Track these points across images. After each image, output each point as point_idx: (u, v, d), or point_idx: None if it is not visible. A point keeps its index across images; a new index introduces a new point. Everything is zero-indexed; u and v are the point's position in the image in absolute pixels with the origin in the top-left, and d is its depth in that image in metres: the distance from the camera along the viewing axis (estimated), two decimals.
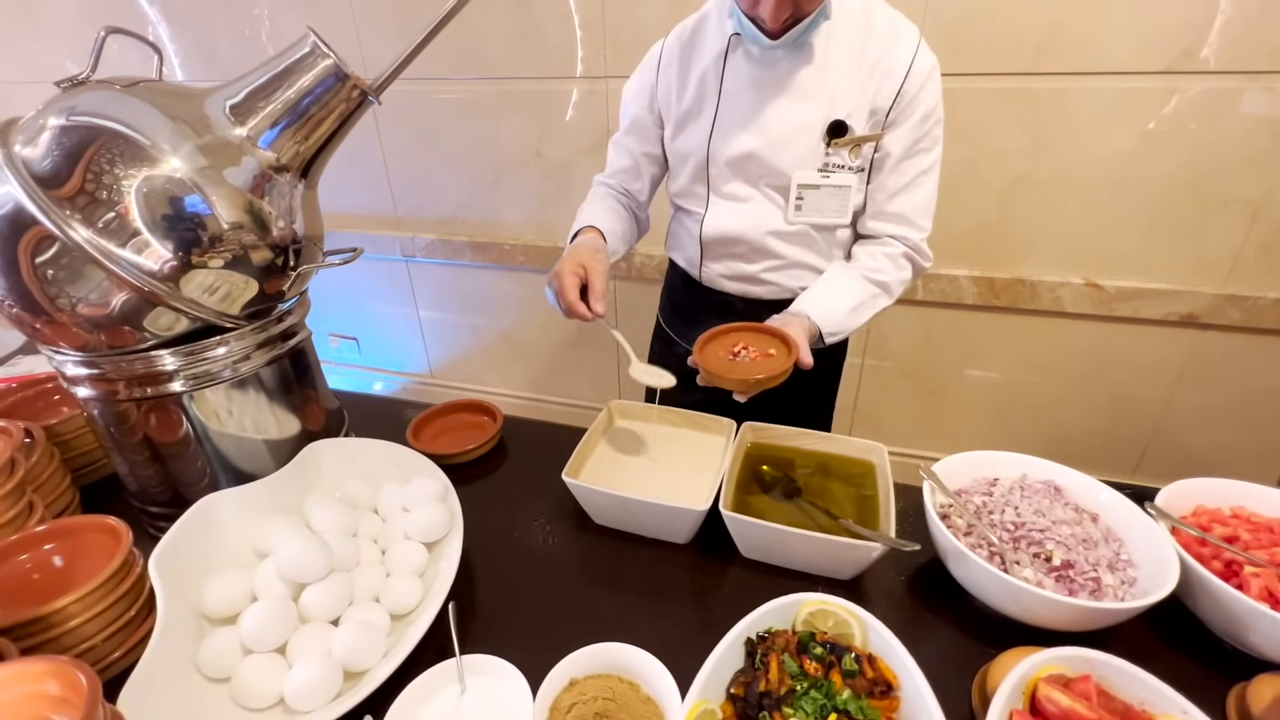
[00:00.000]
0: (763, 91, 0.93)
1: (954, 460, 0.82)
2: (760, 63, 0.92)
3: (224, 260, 0.73)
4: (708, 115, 0.97)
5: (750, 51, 0.92)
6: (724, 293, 1.11)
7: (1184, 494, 0.77)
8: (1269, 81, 1.39)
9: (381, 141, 2.15)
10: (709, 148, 0.98)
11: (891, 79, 0.90)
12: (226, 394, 0.81)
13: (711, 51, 0.95)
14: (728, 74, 0.94)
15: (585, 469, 0.88)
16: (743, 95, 0.94)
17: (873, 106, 0.91)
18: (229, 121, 0.72)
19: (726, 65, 0.94)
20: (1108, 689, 0.56)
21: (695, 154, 1.00)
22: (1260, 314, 1.60)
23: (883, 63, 0.89)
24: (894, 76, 0.89)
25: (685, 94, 0.99)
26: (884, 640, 0.60)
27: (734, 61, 0.94)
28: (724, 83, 0.95)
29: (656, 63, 1.02)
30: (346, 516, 0.77)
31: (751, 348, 0.87)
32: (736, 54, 0.94)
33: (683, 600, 0.76)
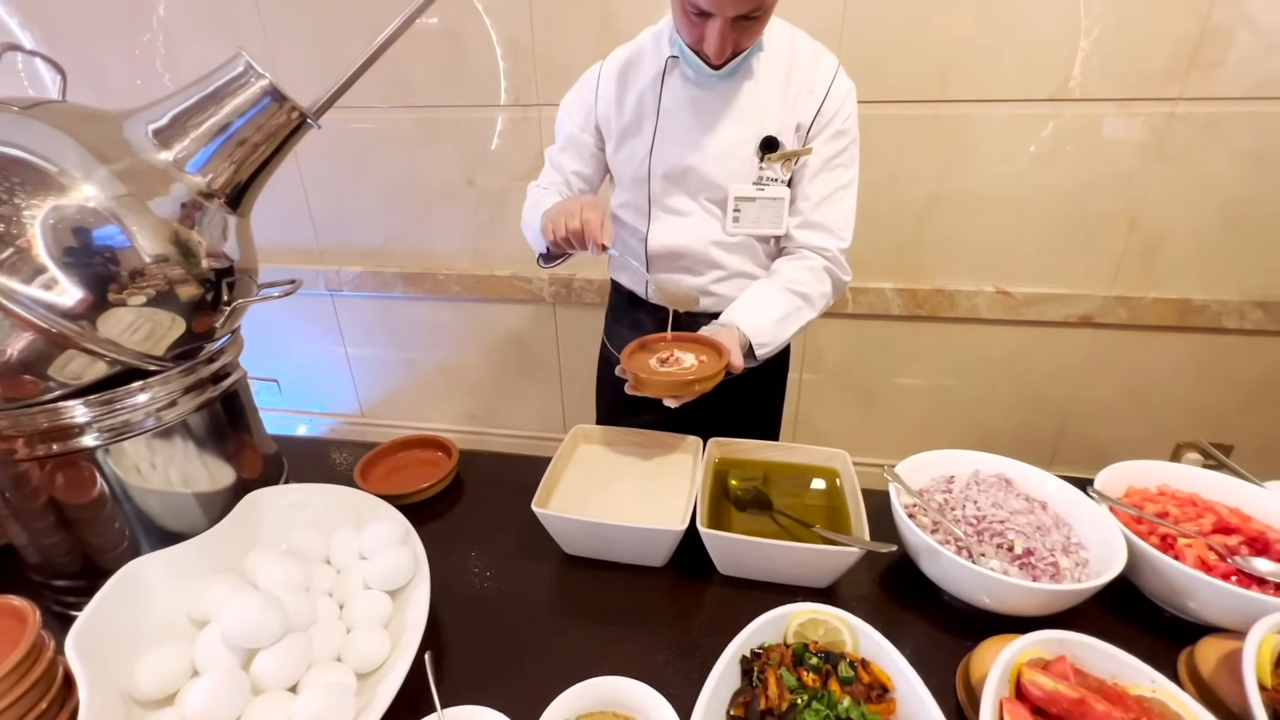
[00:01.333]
0: (699, 110, 0.98)
1: (912, 461, 0.85)
2: (696, 84, 0.97)
3: (147, 296, 0.66)
4: (647, 132, 1.01)
5: (686, 73, 0.97)
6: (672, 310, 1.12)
7: (1117, 477, 0.83)
8: (1135, 107, 1.58)
9: (301, 171, 2.05)
10: (650, 162, 1.01)
11: (813, 97, 0.97)
12: (149, 445, 0.73)
13: (649, 72, 0.99)
14: (665, 93, 0.99)
15: (554, 498, 0.85)
16: (680, 113, 0.98)
17: (797, 122, 0.98)
18: (152, 146, 0.66)
19: (664, 85, 0.98)
20: (1082, 666, 0.59)
21: (636, 168, 1.03)
22: (1143, 312, 1.79)
23: (806, 84, 0.97)
24: (815, 95, 0.97)
25: (624, 111, 1.02)
26: (875, 644, 0.60)
27: (671, 82, 0.98)
28: (662, 101, 0.99)
29: (595, 82, 1.04)
30: (296, 570, 0.70)
31: (678, 355, 0.90)
32: (673, 75, 0.98)
33: (666, 624, 0.74)
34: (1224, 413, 1.90)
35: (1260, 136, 1.56)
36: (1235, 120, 1.56)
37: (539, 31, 1.74)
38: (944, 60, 1.60)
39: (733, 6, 0.81)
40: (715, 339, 0.91)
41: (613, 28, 1.67)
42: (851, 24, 1.60)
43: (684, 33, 0.90)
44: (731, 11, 0.82)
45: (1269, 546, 0.70)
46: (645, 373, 0.85)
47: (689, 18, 0.86)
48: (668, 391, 0.84)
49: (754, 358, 0.96)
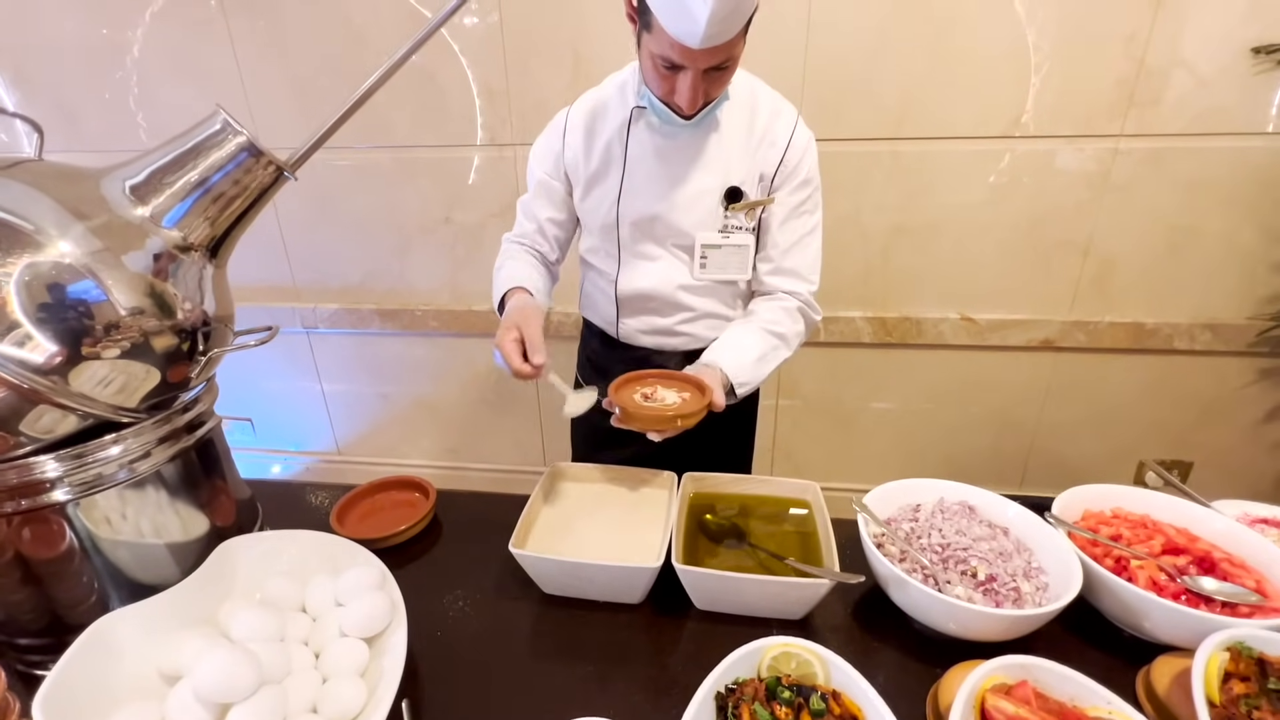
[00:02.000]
0: (665, 160, 1.00)
1: (879, 491, 0.88)
2: (662, 133, 1.00)
3: (121, 349, 0.66)
4: (614, 180, 1.03)
5: (652, 122, 1.00)
6: (641, 347, 1.15)
7: (1073, 501, 0.87)
8: (1081, 143, 1.67)
9: (277, 210, 2.06)
10: (617, 210, 1.04)
11: (775, 149, 1.01)
12: (121, 496, 0.72)
13: (615, 120, 1.02)
14: (631, 142, 1.01)
15: (531, 537, 0.86)
16: (646, 162, 1.01)
17: (761, 173, 1.02)
18: (129, 202, 0.68)
19: (630, 134, 1.01)
20: (1042, 690, 0.61)
21: (604, 215, 1.05)
22: (1100, 336, 1.86)
23: (768, 135, 1.01)
24: (777, 147, 1.01)
25: (592, 159, 1.04)
26: (846, 675, 0.62)
27: (637, 131, 1.01)
28: (628, 150, 1.01)
29: (563, 129, 1.06)
30: (271, 620, 0.70)
31: (661, 391, 0.92)
32: (639, 124, 1.01)
33: (644, 661, 0.75)
34: (1182, 430, 1.98)
35: (1197, 169, 1.66)
36: (1174, 154, 1.66)
37: (513, 75, 1.79)
38: (901, 100, 1.68)
39: (704, 59, 0.83)
40: (699, 377, 0.93)
41: (584, 71, 1.72)
42: (813, 67, 1.68)
43: (654, 85, 0.92)
44: (703, 64, 0.84)
45: (1215, 565, 0.74)
46: (631, 407, 0.87)
47: (659, 71, 0.88)
48: (652, 426, 0.86)
49: (734, 395, 0.98)
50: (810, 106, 1.71)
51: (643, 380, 0.96)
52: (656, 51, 0.84)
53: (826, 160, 1.78)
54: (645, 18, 0.84)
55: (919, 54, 1.63)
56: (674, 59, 0.84)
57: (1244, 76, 1.57)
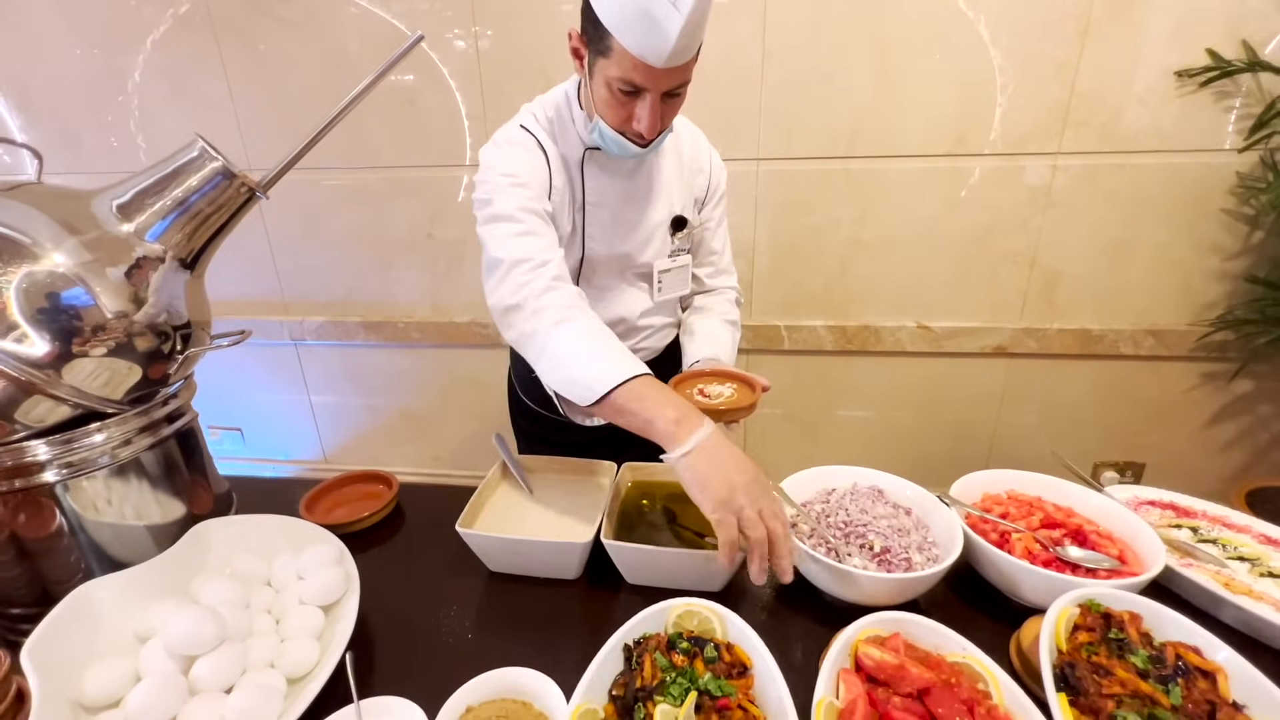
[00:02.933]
0: (623, 200, 1.07)
1: (799, 476, 0.97)
2: (614, 173, 1.04)
3: (107, 348, 0.76)
4: (576, 224, 1.05)
5: (602, 163, 1.02)
6: None
7: (973, 485, 0.95)
8: (1023, 161, 1.78)
9: (267, 228, 2.16)
10: (583, 253, 1.08)
11: (703, 175, 1.15)
12: (105, 482, 0.81)
13: (570, 160, 1.02)
14: (588, 187, 1.03)
15: (479, 521, 0.94)
16: (607, 206, 1.06)
17: (695, 198, 1.16)
18: (116, 219, 0.77)
19: (585, 177, 1.03)
20: (911, 642, 0.69)
21: (568, 258, 1.03)
22: (1049, 342, 1.95)
23: (694, 162, 1.14)
24: (704, 173, 1.15)
25: (565, 205, 1.03)
26: (739, 630, 0.70)
27: (591, 174, 1.03)
28: (586, 196, 1.04)
29: (546, 164, 0.99)
30: (238, 590, 0.78)
31: (714, 387, 0.99)
32: (591, 167, 1.02)
33: (574, 628, 0.83)
34: (1133, 433, 2.06)
35: (1131, 184, 1.77)
36: (1108, 171, 1.77)
37: (489, 98, 1.91)
38: (852, 121, 1.79)
39: (666, 80, 0.84)
40: (744, 374, 1.01)
41: None
42: (769, 91, 1.79)
43: (609, 114, 0.90)
44: (664, 85, 0.85)
45: (1086, 538, 0.82)
46: (704, 406, 0.90)
47: (616, 97, 0.87)
48: (727, 420, 0.92)
49: None
50: (767, 128, 1.82)
51: (689, 382, 1.01)
52: (616, 75, 0.84)
53: (784, 178, 1.89)
54: (600, 44, 0.84)
55: (868, 78, 1.74)
56: (636, 81, 0.84)
57: (1169, 98, 1.68)
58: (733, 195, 1.86)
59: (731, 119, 1.82)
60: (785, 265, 1.98)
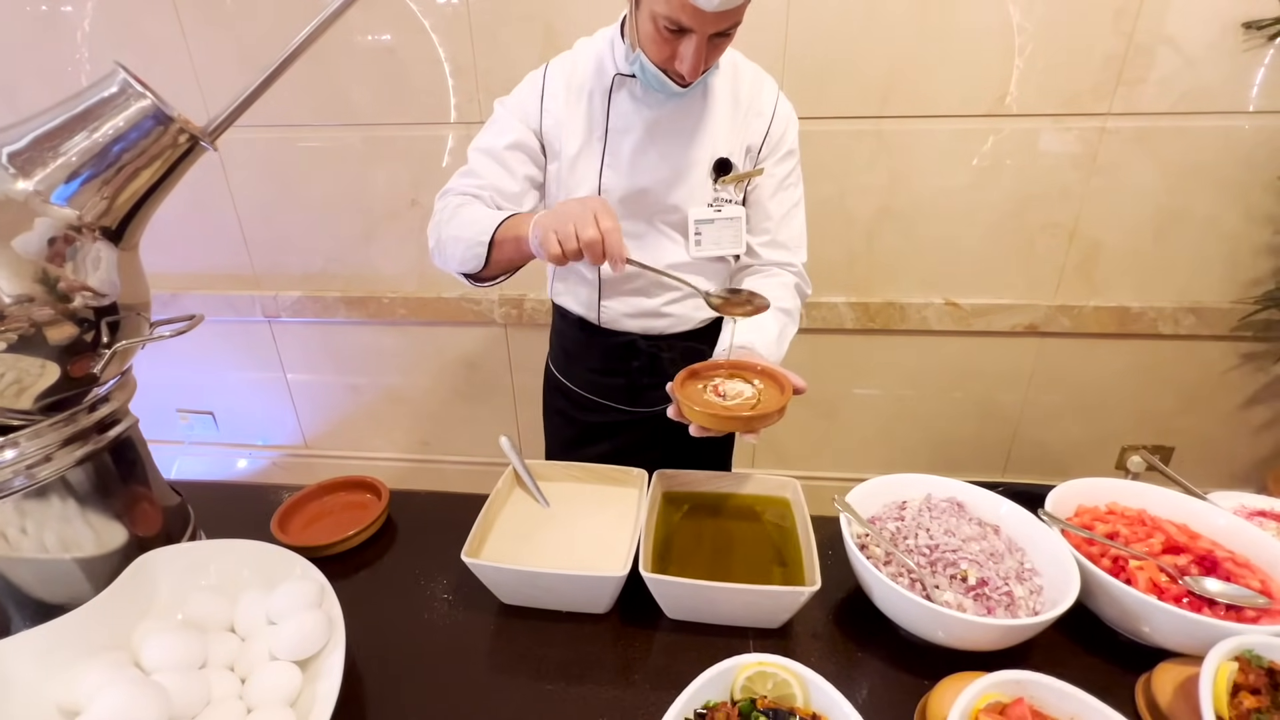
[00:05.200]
0: (651, 132, 0.95)
1: (864, 488, 0.83)
2: (647, 103, 0.94)
3: (8, 342, 0.58)
4: (595, 153, 0.97)
5: (635, 92, 0.94)
6: (625, 332, 1.09)
7: (1066, 496, 0.82)
8: (1068, 122, 1.62)
9: (232, 193, 1.94)
10: (599, 185, 0.98)
11: (761, 119, 0.99)
12: (18, 507, 0.64)
13: (594, 89, 0.96)
14: (613, 113, 0.96)
15: (488, 545, 0.79)
16: (632, 134, 0.95)
17: (747, 145, 0.99)
18: (8, 174, 0.59)
19: (611, 105, 0.95)
20: (1039, 708, 0.56)
21: (585, 191, 0.99)
22: (1085, 320, 1.83)
23: (753, 106, 0.98)
24: (763, 118, 0.99)
25: (574, 129, 0.97)
26: (826, 696, 0.56)
27: (619, 101, 0.95)
28: (610, 121, 0.96)
29: (540, 91, 0.98)
30: (191, 645, 0.62)
31: (732, 384, 0.82)
32: (621, 94, 0.95)
33: (610, 678, 0.69)
34: (1165, 416, 1.96)
35: (1184, 149, 1.62)
36: (1161, 134, 1.62)
37: (480, 49, 1.70)
38: (884, 78, 1.62)
39: (714, 23, 0.79)
40: (775, 369, 0.84)
41: (556, 44, 1.63)
42: (794, 42, 1.60)
43: (653, 51, 0.85)
44: (712, 28, 0.79)
45: (1217, 565, 0.69)
46: (703, 406, 0.76)
47: (661, 34, 0.82)
48: (732, 428, 0.75)
49: None
50: (791, 83, 1.64)
51: (704, 376, 0.84)
52: (663, 12, 0.78)
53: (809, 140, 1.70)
54: None
55: (904, 29, 1.56)
56: (682, 22, 0.78)
57: (1232, 53, 1.53)
58: None
59: None
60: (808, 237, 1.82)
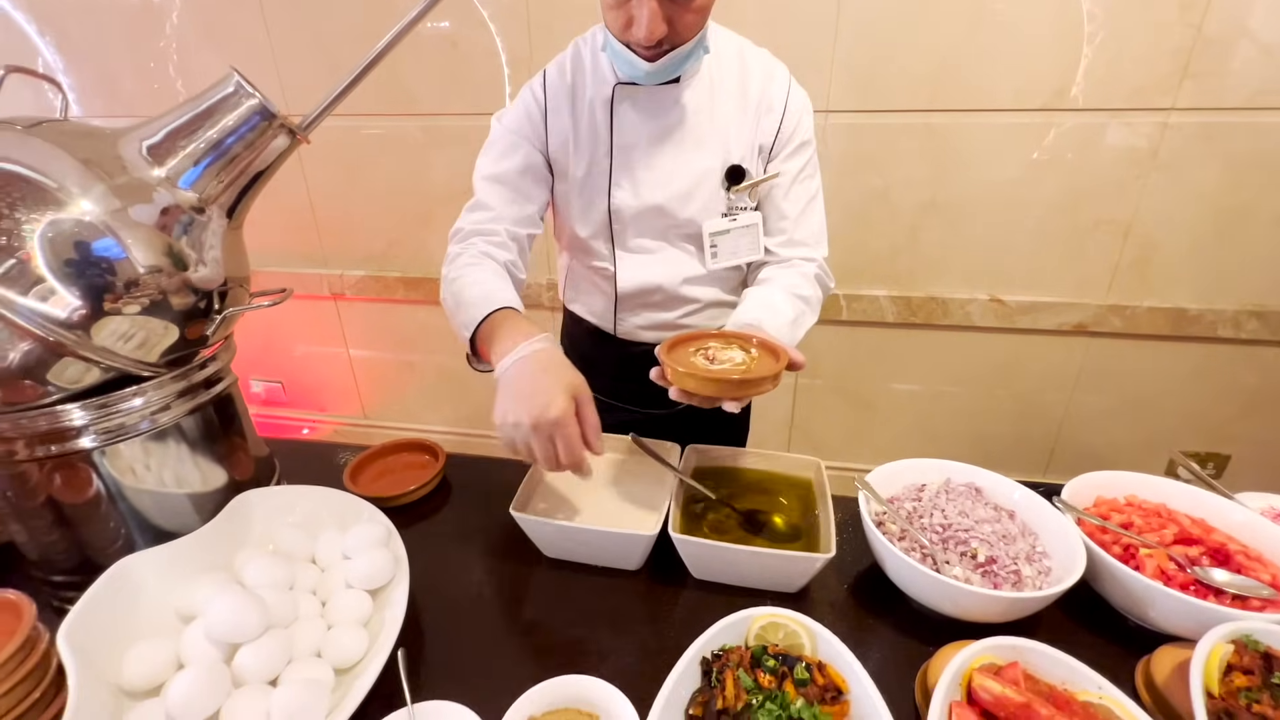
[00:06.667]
0: (658, 143, 0.92)
1: (885, 470, 0.87)
2: (650, 112, 0.91)
3: (140, 306, 0.69)
4: (603, 172, 0.94)
5: (639, 101, 0.91)
6: (640, 343, 1.09)
7: (1085, 487, 0.84)
8: (1129, 117, 1.59)
9: (306, 177, 2.09)
10: (609, 204, 0.95)
11: (772, 115, 0.94)
12: (144, 447, 0.76)
13: (597, 100, 0.92)
14: (617, 127, 0.92)
15: (533, 503, 0.87)
16: (638, 148, 0.93)
17: (759, 145, 0.95)
18: (146, 162, 0.70)
19: (615, 118, 0.92)
20: (1033, 673, 0.60)
21: (594, 210, 0.97)
22: (1137, 321, 1.79)
23: (763, 101, 0.93)
24: (774, 114, 0.94)
25: (581, 148, 0.94)
26: (832, 648, 0.62)
27: (622, 114, 0.91)
28: (615, 136, 0.92)
29: (543, 109, 0.94)
30: (282, 569, 0.73)
31: (723, 351, 0.78)
32: (623, 105, 0.91)
33: (638, 626, 0.76)
34: (1220, 422, 1.90)
35: (1254, 145, 1.56)
36: (1229, 130, 1.56)
37: (537, 42, 1.77)
38: (936, 70, 1.61)
39: None
40: (772, 341, 0.79)
41: None
42: (845, 34, 1.62)
43: (610, 18, 0.81)
44: None
45: (1230, 558, 0.71)
46: (687, 368, 0.72)
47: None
48: (717, 392, 0.72)
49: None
50: (841, 77, 1.66)
51: (696, 341, 0.82)
52: None
53: (855, 133, 1.72)
54: None
55: (958, 20, 1.56)
56: None
57: None
58: None
59: (799, 66, 1.64)
60: (849, 229, 1.83)
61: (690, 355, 0.78)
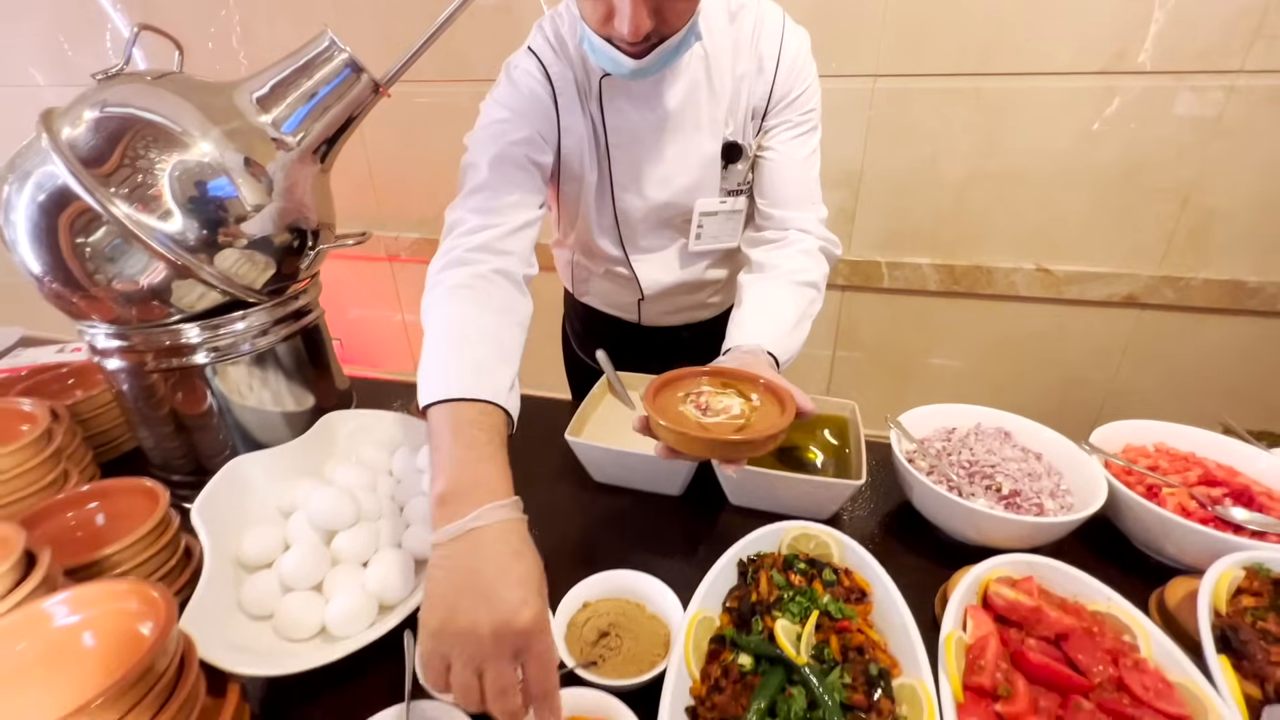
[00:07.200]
0: (656, 135, 0.86)
1: (917, 413, 0.92)
2: (645, 103, 0.84)
3: (249, 239, 0.79)
4: (602, 171, 0.89)
5: (630, 91, 0.83)
6: (667, 327, 1.09)
7: (1115, 434, 0.87)
8: (1194, 80, 1.54)
9: (365, 142, 2.19)
10: (615, 208, 0.91)
11: (763, 77, 0.85)
12: (247, 369, 0.86)
13: (589, 93, 0.84)
14: (611, 125, 0.85)
15: (586, 429, 0.95)
16: (637, 145, 0.87)
17: (753, 108, 0.87)
18: (255, 110, 0.78)
19: (606, 114, 0.84)
20: (1046, 587, 0.65)
21: (604, 216, 0.93)
22: (1191, 293, 1.75)
23: (755, 56, 0.85)
24: (765, 74, 0.85)
25: (588, 149, 0.87)
26: (858, 556, 0.68)
27: (614, 109, 0.84)
28: (609, 135, 0.86)
29: (554, 101, 0.84)
30: (366, 475, 0.82)
31: (718, 398, 0.68)
32: (614, 100, 0.84)
33: (679, 544, 0.84)
34: (1273, 400, 1.85)
35: None
36: None
37: None
38: (991, 32, 1.59)
39: None
40: (775, 382, 0.68)
41: None
42: None
43: (589, 13, 0.71)
44: None
45: (1253, 499, 0.74)
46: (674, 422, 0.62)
47: None
48: (708, 453, 0.62)
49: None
50: (889, 40, 1.65)
51: (688, 382, 0.70)
52: None
53: (903, 98, 1.71)
54: None
55: None
56: None
57: None
58: (843, 117, 1.73)
59: (847, 28, 1.65)
60: (894, 196, 1.84)
61: (679, 403, 0.67)
